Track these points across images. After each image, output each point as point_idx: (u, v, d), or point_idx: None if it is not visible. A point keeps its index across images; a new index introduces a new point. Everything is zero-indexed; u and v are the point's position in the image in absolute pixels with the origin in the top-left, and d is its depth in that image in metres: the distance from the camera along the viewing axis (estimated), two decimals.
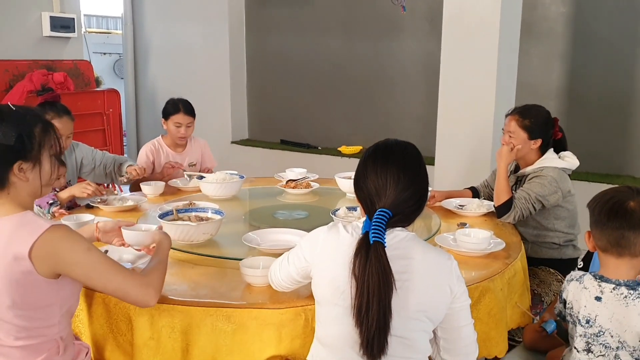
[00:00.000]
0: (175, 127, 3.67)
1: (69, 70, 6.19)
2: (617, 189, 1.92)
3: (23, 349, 1.67)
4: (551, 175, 2.77)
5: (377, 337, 1.55)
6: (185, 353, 1.85)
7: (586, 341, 1.86)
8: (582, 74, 5.13)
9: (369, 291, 1.54)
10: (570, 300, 1.91)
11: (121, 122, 6.50)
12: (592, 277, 1.88)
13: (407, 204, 1.65)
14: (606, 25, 4.96)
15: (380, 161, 1.68)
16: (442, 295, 1.65)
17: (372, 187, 1.66)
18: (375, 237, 1.56)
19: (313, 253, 1.72)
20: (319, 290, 1.71)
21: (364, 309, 1.55)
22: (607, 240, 1.83)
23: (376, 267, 1.53)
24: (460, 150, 4.39)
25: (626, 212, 1.80)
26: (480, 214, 2.90)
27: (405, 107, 5.91)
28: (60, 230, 1.63)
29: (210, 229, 2.43)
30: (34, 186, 1.70)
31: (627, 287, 1.81)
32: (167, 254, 1.93)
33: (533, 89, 5.15)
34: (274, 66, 6.72)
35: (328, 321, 1.69)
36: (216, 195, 3.18)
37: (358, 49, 6.11)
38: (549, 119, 2.91)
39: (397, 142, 1.75)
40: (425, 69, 5.67)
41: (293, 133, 6.60)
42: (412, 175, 1.67)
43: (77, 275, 1.64)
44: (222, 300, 1.88)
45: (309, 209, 3.05)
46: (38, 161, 1.68)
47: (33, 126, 1.69)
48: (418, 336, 1.66)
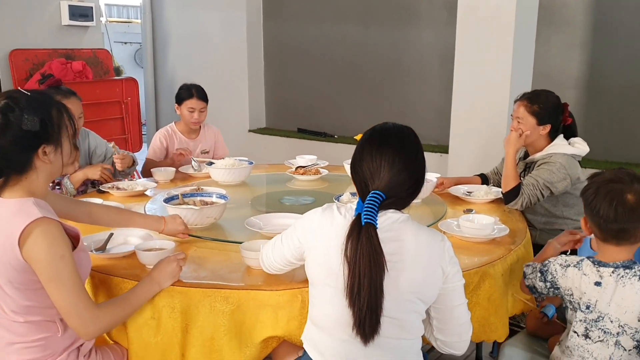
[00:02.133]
0: (189, 112, 3.70)
1: (87, 59, 6.25)
2: (612, 178, 1.84)
3: (23, 325, 1.70)
4: (560, 161, 2.74)
5: (369, 317, 1.56)
6: (184, 333, 1.87)
7: (585, 327, 1.85)
8: (602, 63, 5.05)
9: (360, 272, 1.54)
10: (570, 287, 1.89)
11: (139, 110, 6.55)
12: (591, 263, 1.85)
13: (401, 188, 1.64)
14: (627, 14, 4.87)
15: (376, 144, 1.66)
16: (434, 277, 1.65)
17: (366, 169, 1.65)
18: (367, 219, 1.56)
19: (307, 235, 1.72)
20: (312, 272, 1.71)
21: (355, 290, 1.55)
22: (607, 233, 1.81)
23: (367, 248, 1.54)
24: (474, 139, 4.36)
25: (625, 206, 1.76)
26: (488, 201, 2.88)
27: (421, 96, 5.87)
28: (47, 225, 1.63)
29: (214, 213, 2.45)
30: (56, 167, 1.75)
31: (623, 268, 1.80)
32: (145, 296, 1.83)
33: (552, 79, 5.08)
34: (292, 55, 6.71)
35: (321, 302, 1.70)
36: (225, 181, 3.21)
37: (375, 38, 6.08)
38: (559, 104, 2.87)
39: (394, 126, 1.74)
40: (443, 58, 5.62)
41: (310, 122, 6.60)
42: (408, 159, 1.66)
43: (39, 274, 1.63)
44: (220, 282, 1.90)
45: (316, 195, 3.06)
46: (59, 143, 1.73)
47: (50, 109, 1.73)
48: (410, 317, 1.66)
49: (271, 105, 7.05)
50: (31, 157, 1.68)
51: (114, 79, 6.45)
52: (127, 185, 3.07)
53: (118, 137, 6.14)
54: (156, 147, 3.73)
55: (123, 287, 1.93)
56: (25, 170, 1.69)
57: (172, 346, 1.87)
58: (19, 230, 1.60)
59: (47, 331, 1.74)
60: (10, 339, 1.71)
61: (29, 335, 1.72)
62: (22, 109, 1.65)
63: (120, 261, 2.09)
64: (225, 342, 1.85)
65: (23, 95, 1.70)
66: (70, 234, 1.75)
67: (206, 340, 1.86)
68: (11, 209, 1.65)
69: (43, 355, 1.73)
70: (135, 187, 3.03)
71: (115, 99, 6.20)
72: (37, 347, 1.72)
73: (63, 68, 5.84)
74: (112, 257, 2.10)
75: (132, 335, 1.88)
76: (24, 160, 1.68)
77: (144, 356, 1.88)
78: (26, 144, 1.67)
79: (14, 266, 1.63)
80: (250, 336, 1.86)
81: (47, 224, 1.63)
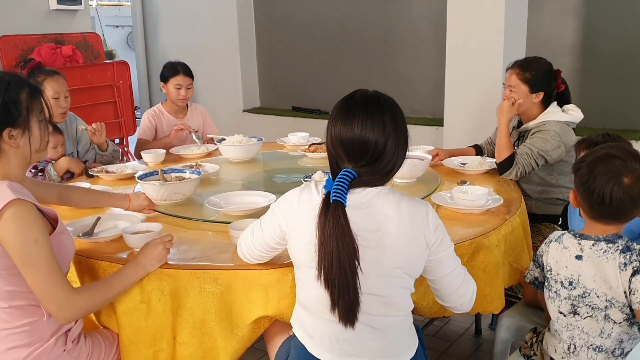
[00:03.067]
0: (175, 89, 3.66)
1: (77, 43, 6.18)
2: (606, 155, 1.76)
3: (7, 311, 1.68)
4: (554, 129, 2.70)
5: (343, 299, 1.51)
6: (175, 315, 1.85)
7: (571, 303, 1.79)
8: (597, 28, 4.98)
9: (329, 253, 1.49)
10: (550, 262, 1.84)
11: (132, 94, 6.48)
12: (572, 236, 1.80)
13: (375, 167, 1.57)
14: None
15: (343, 117, 1.58)
16: (418, 248, 1.59)
17: (337, 146, 1.58)
18: (335, 196, 1.50)
19: (287, 217, 1.64)
20: (295, 254, 1.65)
21: (326, 271, 1.50)
22: (597, 214, 1.76)
23: (334, 228, 1.48)
24: (468, 110, 4.32)
25: (621, 189, 1.69)
26: (482, 172, 2.84)
27: (416, 68, 5.81)
28: (19, 207, 1.60)
29: (182, 189, 2.48)
30: (24, 152, 1.70)
31: (606, 242, 1.73)
32: (130, 280, 1.79)
33: (546, 46, 5.01)
34: (283, 31, 6.64)
35: (306, 284, 1.64)
36: (235, 158, 3.25)
37: (367, 11, 6.00)
38: (551, 71, 2.82)
39: (362, 96, 1.63)
40: (435, 29, 5.55)
41: (304, 99, 6.54)
42: (381, 134, 1.56)
43: (13, 258, 1.60)
44: (209, 263, 1.87)
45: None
46: (27, 127, 1.69)
47: (19, 92, 1.68)
48: (397, 293, 1.62)
49: (265, 85, 6.99)
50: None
51: (104, 62, 6.38)
52: (117, 168, 3.04)
53: (111, 121, 6.08)
54: (145, 126, 3.70)
55: (110, 271, 1.90)
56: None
57: (164, 329, 1.85)
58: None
59: (33, 315, 1.71)
60: None
61: (13, 321, 1.69)
62: None
63: (107, 245, 2.06)
64: (217, 323, 1.83)
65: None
66: (48, 216, 1.71)
67: (197, 322, 1.84)
68: None
69: (30, 341, 1.70)
70: (124, 170, 3.00)
71: (107, 82, 6.13)
72: (24, 333, 1.69)
73: (53, 53, 5.77)
74: (99, 242, 2.07)
75: (123, 319, 1.85)
76: None
77: (135, 340, 1.85)
78: None
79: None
80: (241, 317, 1.83)
81: (19, 206, 1.59)
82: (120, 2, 11.20)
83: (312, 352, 1.65)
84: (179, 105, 3.76)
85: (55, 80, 3.06)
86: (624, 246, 1.71)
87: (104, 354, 1.87)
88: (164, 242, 1.85)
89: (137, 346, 1.85)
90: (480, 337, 3.04)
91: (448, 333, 3.07)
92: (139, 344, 1.85)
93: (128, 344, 1.85)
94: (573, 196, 1.84)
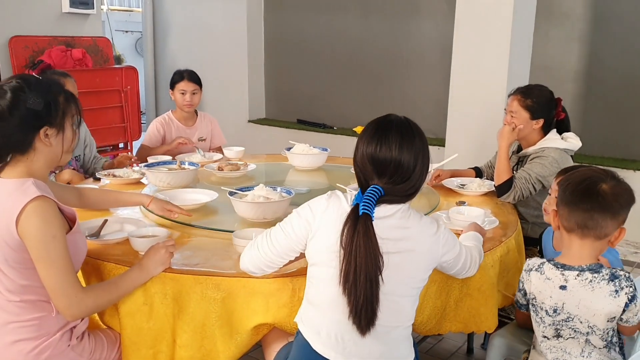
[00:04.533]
0: (181, 95, 3.73)
1: (88, 47, 6.26)
2: (590, 170, 1.88)
3: (18, 305, 1.74)
4: (552, 156, 2.76)
5: (365, 309, 1.60)
6: (176, 319, 1.90)
7: (555, 328, 1.86)
8: (601, 57, 5.06)
9: (357, 263, 1.58)
10: (533, 291, 1.90)
11: (139, 99, 6.56)
12: (553, 266, 1.86)
13: (401, 188, 1.69)
14: (627, 7, 4.88)
15: (376, 140, 1.69)
16: (431, 259, 1.75)
17: (367, 165, 1.69)
18: (364, 209, 1.60)
19: (316, 216, 1.72)
20: (315, 253, 1.73)
21: (351, 279, 1.59)
22: (574, 220, 1.80)
23: (363, 240, 1.57)
24: (470, 132, 4.38)
25: (598, 194, 1.77)
26: (481, 193, 2.90)
27: (421, 88, 5.89)
28: (42, 203, 1.67)
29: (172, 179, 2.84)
30: (55, 152, 1.78)
31: (590, 272, 1.80)
32: (134, 283, 1.85)
33: (550, 72, 5.09)
34: (292, 46, 6.73)
35: (321, 282, 1.72)
36: (302, 166, 3.44)
37: (376, 30, 6.09)
38: (552, 98, 2.89)
39: (396, 120, 1.74)
40: (442, 51, 5.64)
41: (309, 113, 6.62)
42: (411, 157, 1.69)
43: (30, 252, 1.66)
44: (211, 269, 1.92)
45: (313, 185, 3.10)
46: (62, 128, 1.78)
47: (57, 95, 1.78)
48: (406, 301, 1.73)
49: (271, 96, 7.07)
50: (32, 137, 1.72)
51: (113, 67, 6.46)
52: (124, 172, 3.09)
53: (117, 126, 6.16)
54: (152, 134, 3.75)
55: (115, 273, 1.95)
56: (26, 150, 1.73)
57: (164, 332, 1.90)
58: (17, 209, 1.63)
59: (42, 310, 1.77)
60: (5, 318, 1.74)
61: (23, 314, 1.75)
62: (31, 90, 1.71)
63: (113, 247, 2.11)
64: (217, 328, 1.88)
65: (34, 77, 1.77)
66: (67, 216, 1.78)
67: (197, 326, 1.89)
68: (10, 188, 1.68)
69: (37, 334, 1.76)
70: (131, 175, 3.05)
71: (115, 87, 6.21)
72: (32, 327, 1.75)
73: (63, 56, 5.85)
74: (105, 243, 2.13)
75: (125, 320, 1.90)
76: (25, 140, 1.72)
77: (136, 341, 1.90)
78: (29, 123, 1.71)
79: (10, 244, 1.66)
80: (241, 323, 1.88)
81: (42, 202, 1.66)
82: (131, 8, 11.28)
83: (316, 349, 1.72)
84: (185, 112, 3.81)
85: (66, 82, 3.11)
86: (609, 275, 1.78)
87: (106, 352, 1.92)
88: (167, 247, 1.90)
89: (137, 347, 1.91)
90: (472, 356, 3.08)
91: (440, 351, 3.11)
92: (139, 345, 1.91)
93: (129, 344, 1.90)
94: (554, 214, 1.90)
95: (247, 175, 3.25)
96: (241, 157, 3.59)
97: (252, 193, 2.44)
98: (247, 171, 3.24)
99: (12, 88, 1.70)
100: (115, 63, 6.77)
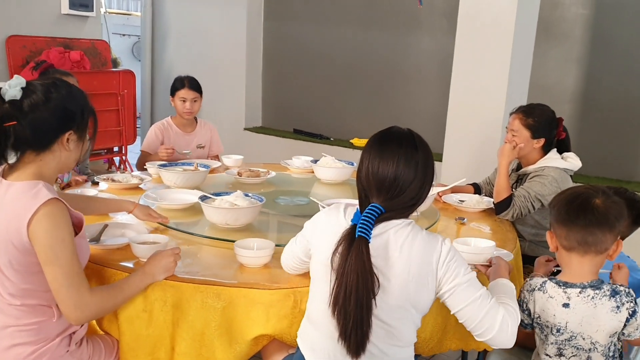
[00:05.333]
0: (181, 102, 3.71)
1: (86, 49, 6.25)
2: (580, 188, 1.91)
3: (19, 309, 1.72)
4: (552, 175, 2.78)
5: (354, 333, 1.54)
6: (175, 326, 1.89)
7: (557, 347, 1.88)
8: (598, 78, 5.09)
9: (347, 286, 1.53)
10: (537, 310, 1.90)
11: (135, 103, 6.54)
12: (555, 285, 1.87)
13: (402, 203, 1.63)
14: (626, 31, 4.92)
15: (377, 153, 1.65)
16: (425, 282, 1.62)
17: (368, 180, 1.64)
18: (361, 232, 1.54)
19: (313, 233, 1.75)
20: (313, 267, 1.74)
21: (340, 302, 1.54)
22: (574, 238, 1.81)
23: (356, 264, 1.52)
24: (467, 148, 4.39)
25: (593, 209, 1.80)
26: (479, 210, 2.91)
27: (418, 103, 5.90)
28: (54, 207, 1.66)
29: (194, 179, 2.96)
30: (70, 158, 1.80)
31: (592, 288, 1.82)
32: (138, 287, 1.84)
33: (548, 92, 5.11)
34: (291, 55, 6.73)
35: (317, 298, 1.70)
36: (327, 180, 3.40)
37: (375, 43, 6.11)
38: (553, 118, 2.91)
39: (398, 133, 1.71)
40: (441, 66, 5.66)
41: (306, 123, 6.61)
42: (411, 171, 1.63)
43: (38, 254, 1.66)
44: (212, 278, 1.91)
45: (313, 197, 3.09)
46: (83, 136, 1.81)
47: (86, 105, 1.81)
48: (403, 326, 1.65)
49: (268, 105, 7.06)
50: (57, 136, 1.73)
51: (111, 70, 6.45)
52: (122, 177, 3.09)
53: (113, 129, 6.14)
54: (151, 139, 3.73)
55: (116, 278, 1.94)
56: (43, 149, 1.72)
57: (163, 339, 1.89)
58: (30, 212, 1.63)
59: (43, 315, 1.76)
60: (4, 322, 1.73)
61: (23, 318, 1.73)
62: (68, 91, 1.75)
63: (113, 253, 2.10)
64: (216, 337, 1.87)
65: (67, 83, 1.79)
66: (73, 221, 1.77)
67: (197, 334, 1.88)
68: (20, 191, 1.67)
69: (36, 339, 1.74)
70: (130, 180, 3.04)
71: (112, 90, 6.19)
72: (31, 331, 1.74)
73: (61, 57, 5.83)
74: (105, 248, 2.12)
75: (124, 327, 1.89)
76: (49, 138, 1.72)
77: (135, 348, 1.90)
78: (61, 121, 1.72)
79: (17, 247, 1.65)
80: (240, 333, 1.87)
81: (54, 206, 1.66)
82: (129, 12, 11.28)
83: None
84: (185, 119, 3.80)
85: (69, 80, 3.09)
86: (610, 290, 1.82)
87: (104, 358, 1.91)
88: (174, 255, 1.89)
89: (135, 353, 1.90)
90: None
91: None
92: (138, 352, 1.90)
93: (127, 350, 1.90)
94: (550, 236, 1.91)
95: (266, 182, 3.27)
96: (239, 165, 3.58)
97: (221, 199, 2.46)
98: (266, 179, 3.25)
99: (52, 84, 1.73)
100: (112, 66, 6.76)
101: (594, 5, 5.05)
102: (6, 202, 1.67)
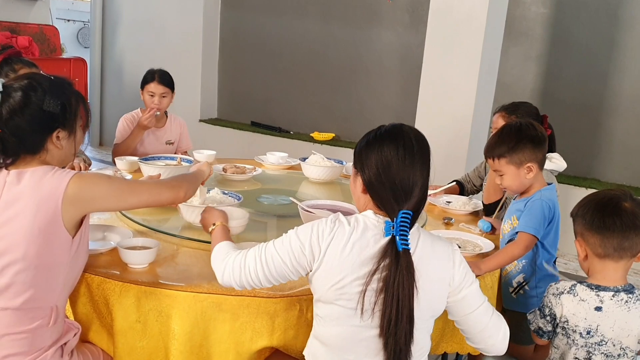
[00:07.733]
0: (149, 97, 3.49)
1: (34, 34, 5.96)
2: (603, 193, 1.87)
3: (15, 313, 1.64)
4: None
5: (404, 351, 1.49)
6: (172, 338, 1.77)
7: (587, 350, 1.84)
8: (558, 76, 5.17)
9: (399, 303, 1.46)
10: (565, 314, 1.85)
11: (86, 92, 6.33)
12: (587, 287, 1.83)
13: (422, 202, 1.58)
14: (584, 29, 5.01)
15: (409, 154, 1.57)
16: (443, 287, 1.59)
17: (398, 184, 1.54)
18: (403, 245, 1.47)
19: (321, 249, 1.53)
20: (321, 288, 1.55)
21: (393, 321, 1.47)
22: (610, 245, 1.78)
23: (407, 278, 1.46)
24: (436, 146, 4.35)
25: (626, 212, 1.77)
26: (467, 212, 2.87)
27: (380, 97, 5.87)
28: (84, 175, 1.69)
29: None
30: (66, 154, 1.76)
31: (625, 292, 1.80)
32: (198, 177, 2.08)
33: (509, 89, 5.17)
34: (249, 46, 6.58)
35: (328, 321, 1.58)
36: (316, 178, 3.27)
37: (336, 36, 6.04)
38: (538, 115, 2.89)
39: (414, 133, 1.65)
40: (402, 61, 5.64)
41: (264, 115, 6.50)
42: (426, 168, 1.58)
43: (110, 202, 1.73)
44: (212, 287, 1.80)
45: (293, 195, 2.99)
46: (73, 130, 1.75)
47: (70, 96, 1.74)
48: (421, 335, 1.59)
49: (224, 96, 6.90)
50: (45, 139, 1.69)
51: (61, 57, 6.20)
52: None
53: None
54: (123, 131, 3.51)
55: (103, 287, 1.81)
56: (38, 151, 1.69)
57: (158, 351, 1.79)
58: (62, 186, 1.62)
59: (39, 318, 1.67)
60: None
61: (18, 325, 1.64)
62: (45, 91, 1.67)
63: (97, 258, 1.95)
64: (216, 350, 1.77)
65: (46, 77, 1.73)
66: None
67: (195, 347, 1.77)
68: (37, 175, 1.64)
69: (30, 349, 1.66)
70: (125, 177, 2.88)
71: None
72: (25, 340, 1.65)
73: (8, 42, 5.53)
74: (90, 253, 1.95)
75: (117, 338, 1.78)
76: (38, 141, 1.68)
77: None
78: (43, 125, 1.68)
79: (42, 231, 1.61)
80: (244, 345, 1.77)
81: (84, 174, 1.69)
82: None
83: None
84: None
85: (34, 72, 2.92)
86: None
87: None
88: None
89: None
90: None
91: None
92: None
93: None
94: (578, 245, 1.87)
95: (252, 179, 3.19)
96: (212, 162, 3.44)
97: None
98: (252, 175, 3.18)
99: (25, 87, 1.65)
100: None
101: (554, 4, 5.12)
102: (23, 187, 1.63)
